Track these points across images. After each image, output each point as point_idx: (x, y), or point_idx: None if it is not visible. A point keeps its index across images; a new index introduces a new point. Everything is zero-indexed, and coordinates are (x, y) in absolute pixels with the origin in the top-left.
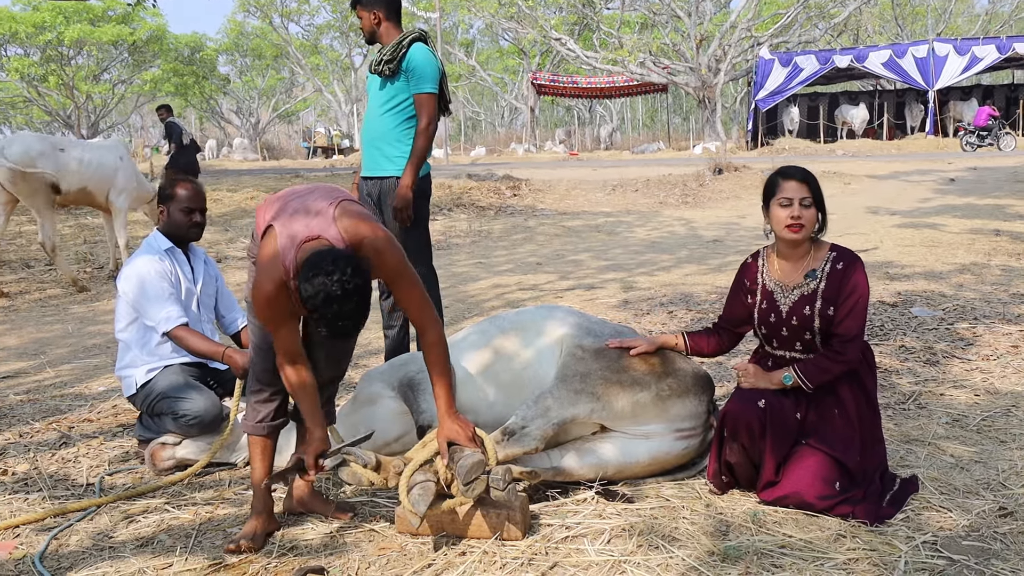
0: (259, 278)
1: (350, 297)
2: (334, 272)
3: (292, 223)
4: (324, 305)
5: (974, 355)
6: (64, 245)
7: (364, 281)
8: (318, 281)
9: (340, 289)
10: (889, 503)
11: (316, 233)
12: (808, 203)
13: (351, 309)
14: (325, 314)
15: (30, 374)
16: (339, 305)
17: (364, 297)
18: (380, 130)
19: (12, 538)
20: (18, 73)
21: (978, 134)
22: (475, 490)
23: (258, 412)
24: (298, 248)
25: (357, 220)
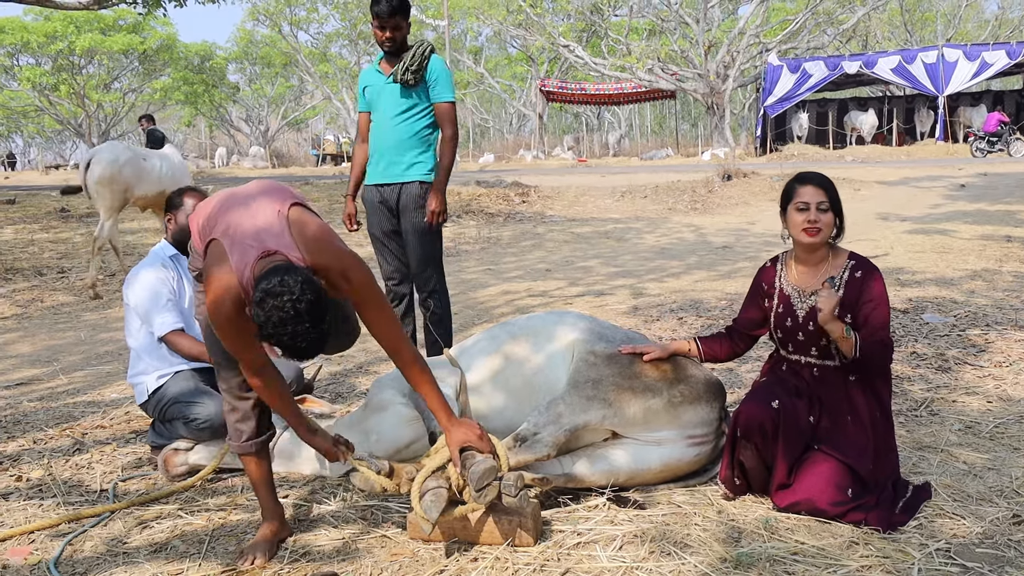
0: (213, 296)
1: (302, 318)
2: (283, 293)
3: (241, 236)
4: (278, 329)
5: (986, 361)
6: (75, 253)
7: (317, 298)
8: (268, 305)
9: (292, 310)
10: (902, 510)
11: (271, 247)
12: (825, 207)
13: (305, 330)
14: (281, 338)
15: (43, 381)
16: (293, 327)
17: (318, 316)
18: (397, 137)
19: (27, 544)
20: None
21: (988, 140)
22: (487, 496)
23: (241, 432)
24: (253, 265)
25: (319, 239)
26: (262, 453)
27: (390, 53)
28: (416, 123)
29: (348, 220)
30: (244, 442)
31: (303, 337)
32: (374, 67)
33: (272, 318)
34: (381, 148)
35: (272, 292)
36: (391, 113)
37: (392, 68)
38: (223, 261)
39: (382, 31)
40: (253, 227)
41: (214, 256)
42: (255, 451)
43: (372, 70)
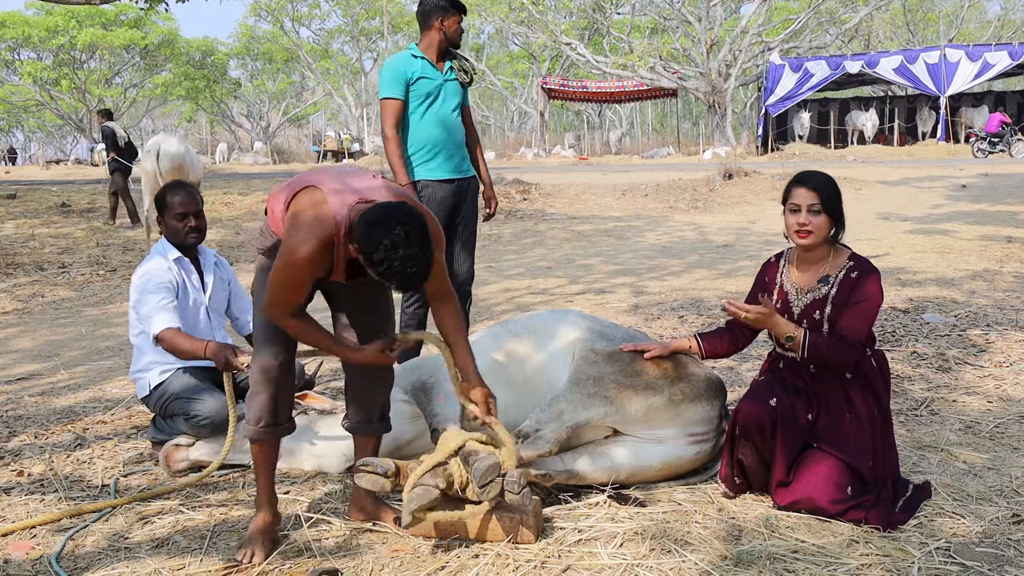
0: (299, 235)
1: (411, 242)
2: (391, 219)
3: (338, 187)
4: (389, 254)
5: (987, 362)
6: (77, 248)
7: (423, 224)
8: (377, 231)
9: (403, 233)
10: (902, 509)
11: (371, 198)
12: (817, 210)
13: (416, 254)
14: (392, 263)
15: (44, 376)
16: (404, 250)
17: (425, 241)
18: (460, 134)
19: (29, 539)
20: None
21: (989, 140)
22: (491, 492)
23: (257, 415)
24: (351, 208)
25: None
26: (274, 443)
27: (444, 49)
28: (462, 122)
29: None
30: (261, 427)
31: (413, 262)
32: (423, 59)
33: (384, 242)
34: (452, 142)
35: (379, 221)
36: (452, 108)
37: (442, 64)
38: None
39: (460, 24)
40: (351, 181)
41: (307, 203)
42: (269, 439)
43: (423, 61)
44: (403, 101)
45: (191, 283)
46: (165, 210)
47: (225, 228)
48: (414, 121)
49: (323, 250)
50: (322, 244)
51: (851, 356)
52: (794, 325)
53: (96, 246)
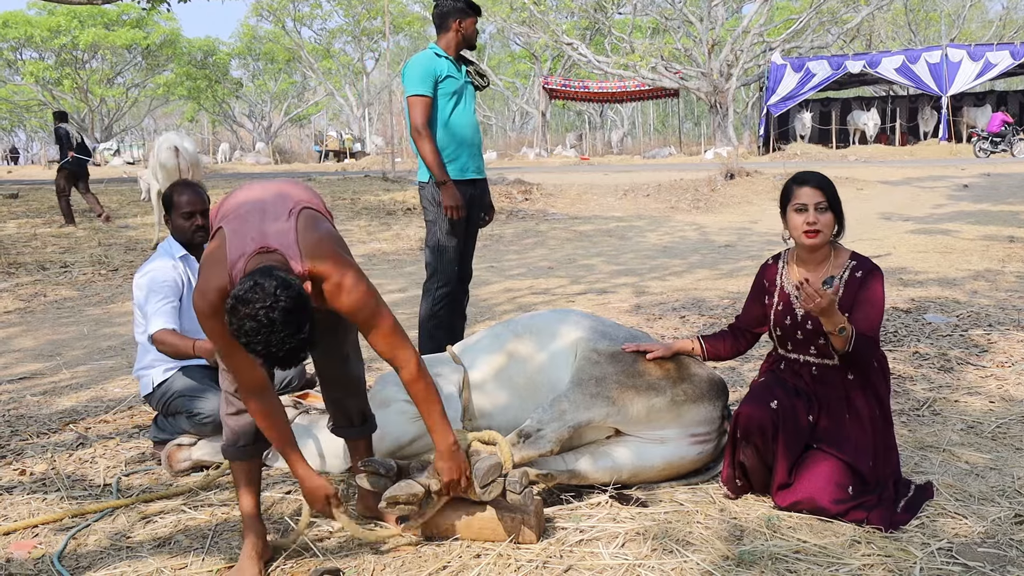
0: (201, 286)
1: (275, 326)
2: (255, 300)
3: (245, 228)
4: (251, 338)
5: (989, 362)
6: (79, 248)
7: (295, 304)
8: (240, 312)
9: (265, 318)
10: (904, 509)
11: (272, 245)
12: (823, 208)
13: (280, 339)
14: (255, 347)
15: (46, 375)
16: (267, 335)
17: (295, 323)
18: (479, 137)
19: (31, 538)
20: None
21: (991, 140)
22: (492, 492)
23: (236, 434)
24: (249, 259)
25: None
26: (255, 461)
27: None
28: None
29: (460, 209)
30: (240, 447)
31: (278, 346)
32: (448, 59)
33: (244, 326)
34: (475, 142)
35: (243, 299)
36: (472, 110)
37: (459, 66)
38: (220, 251)
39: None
40: (260, 220)
41: (214, 245)
42: (247, 458)
43: (448, 61)
44: (432, 98)
45: (196, 279)
46: (172, 209)
47: None
48: (442, 120)
49: (224, 299)
50: (221, 294)
51: (875, 354)
52: (845, 317)
53: (98, 246)
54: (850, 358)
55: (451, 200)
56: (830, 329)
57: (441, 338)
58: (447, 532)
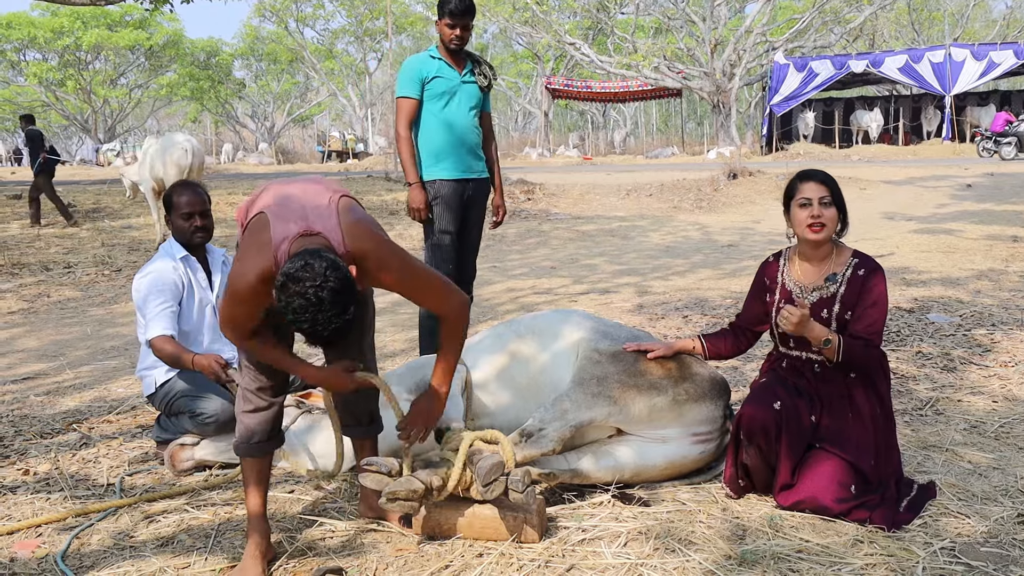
0: (242, 266)
1: (323, 305)
2: (305, 278)
3: (287, 214)
4: (298, 315)
5: (992, 361)
6: (82, 249)
7: (342, 285)
8: (290, 290)
9: (315, 296)
10: (906, 509)
11: (316, 228)
12: (828, 202)
13: (327, 317)
14: (301, 325)
15: (50, 375)
16: (314, 313)
17: (341, 303)
18: (474, 136)
19: (35, 537)
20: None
21: (995, 140)
22: (494, 491)
23: (251, 433)
24: (292, 241)
25: (361, 226)
26: (267, 459)
27: (452, 52)
28: (478, 124)
29: (420, 212)
30: (253, 443)
31: (324, 324)
32: (441, 59)
33: (293, 304)
34: (463, 143)
35: (294, 277)
36: (467, 110)
37: (461, 66)
38: (262, 233)
39: (452, 29)
40: (301, 205)
41: (254, 229)
42: (260, 455)
43: (440, 62)
44: (418, 100)
45: (197, 282)
46: (172, 209)
47: (230, 228)
48: (426, 120)
49: (265, 281)
50: (262, 276)
51: (876, 357)
52: (828, 330)
53: (101, 246)
54: (846, 364)
55: (411, 201)
56: (815, 344)
57: None
58: (449, 531)
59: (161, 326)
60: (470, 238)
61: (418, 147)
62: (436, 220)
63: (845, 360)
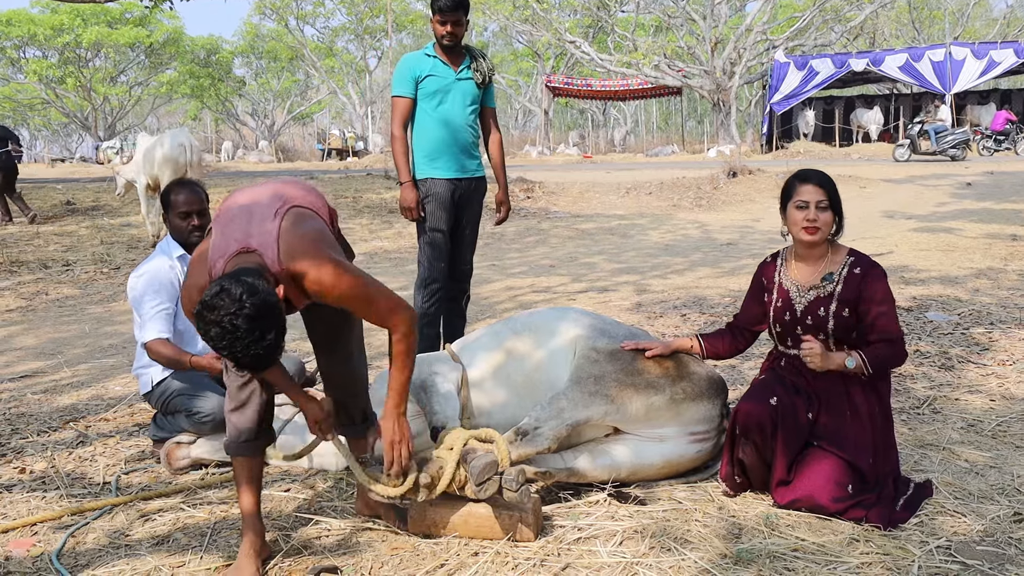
0: (187, 283)
1: (237, 332)
2: (220, 307)
3: (231, 228)
4: (217, 344)
5: (990, 360)
6: (81, 246)
7: (259, 312)
8: (207, 318)
9: (230, 324)
10: (903, 507)
11: (252, 245)
12: (824, 206)
13: (245, 345)
14: (221, 352)
15: (47, 373)
16: (231, 341)
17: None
18: (469, 134)
19: (30, 536)
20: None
21: (995, 138)
22: (488, 490)
23: (239, 430)
24: (229, 259)
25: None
26: (257, 457)
27: (447, 48)
28: (476, 122)
29: (411, 210)
30: (242, 442)
31: (242, 352)
32: (436, 57)
33: (210, 332)
34: (457, 141)
35: (209, 305)
36: (462, 107)
37: (457, 63)
38: (205, 252)
39: (443, 26)
40: (248, 217)
41: (202, 246)
42: (250, 453)
43: (434, 60)
44: (412, 99)
45: None
46: (169, 208)
47: None
48: (420, 119)
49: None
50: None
51: (902, 353)
52: (845, 354)
53: (100, 244)
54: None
55: (402, 201)
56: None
57: (433, 336)
58: (445, 530)
59: (157, 329)
60: (464, 236)
61: (413, 145)
62: (428, 219)
63: (877, 368)
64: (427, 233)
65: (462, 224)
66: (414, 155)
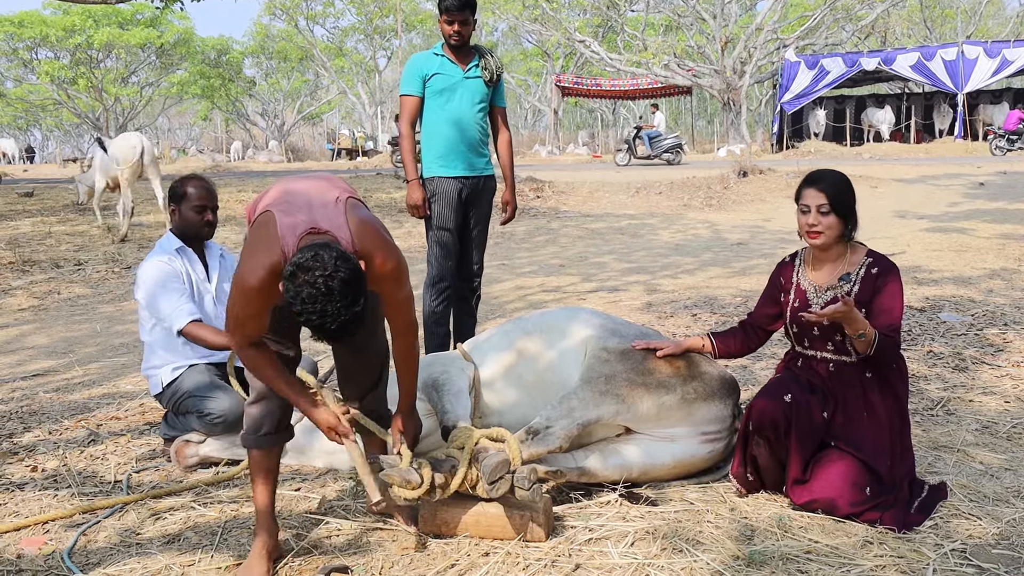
0: (250, 263)
1: (333, 295)
2: (315, 268)
3: (294, 210)
4: (307, 306)
5: (1004, 361)
6: (92, 246)
7: (353, 276)
8: (299, 279)
9: (324, 286)
10: (917, 510)
11: (323, 227)
12: (825, 210)
13: (336, 309)
14: (310, 316)
15: (59, 372)
16: (323, 304)
17: (352, 295)
18: (477, 133)
19: (42, 534)
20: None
21: (1008, 138)
22: (500, 489)
23: (259, 424)
24: (300, 238)
25: (368, 226)
26: (274, 452)
27: (456, 47)
28: (484, 120)
29: (418, 208)
30: (260, 435)
31: (333, 317)
32: (443, 56)
33: (302, 293)
34: (465, 140)
35: (304, 266)
36: (471, 105)
37: (465, 62)
38: (268, 229)
39: (450, 25)
40: (308, 201)
41: (260, 225)
42: (268, 446)
43: (442, 59)
44: (420, 98)
45: (195, 273)
46: (183, 200)
47: (239, 224)
48: (428, 117)
49: (274, 275)
50: (271, 270)
51: (897, 355)
52: (867, 323)
53: (111, 243)
54: (872, 359)
55: (409, 199)
56: (851, 333)
57: (443, 335)
58: (455, 529)
59: (186, 312)
60: (473, 235)
61: (421, 144)
62: (436, 217)
63: (877, 354)
64: (435, 232)
65: (470, 223)
66: (422, 154)
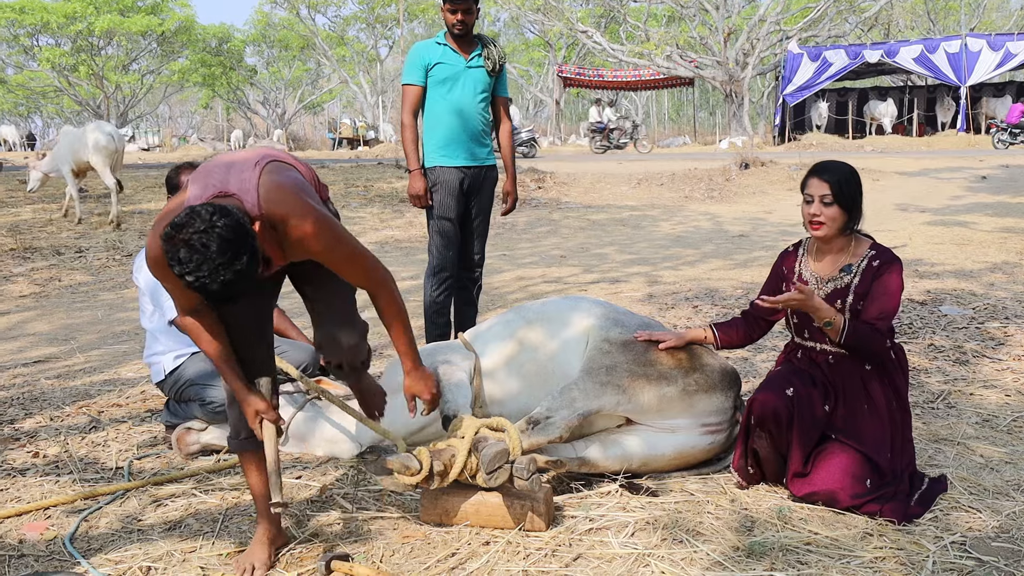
0: (151, 236)
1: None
2: (189, 224)
3: (207, 177)
4: (184, 267)
5: (1005, 355)
6: (93, 233)
7: (231, 231)
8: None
9: (199, 243)
10: (917, 502)
11: (231, 190)
12: (828, 201)
13: (214, 267)
14: (186, 276)
15: (60, 359)
16: (198, 262)
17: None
18: (480, 123)
19: (43, 519)
20: (49, 63)
21: (1011, 131)
22: (498, 479)
23: (236, 428)
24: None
25: (283, 189)
26: (260, 452)
27: (459, 36)
28: (487, 110)
29: (420, 198)
30: (242, 439)
31: (211, 276)
32: (446, 45)
33: (179, 253)
34: (467, 129)
35: (179, 224)
36: (473, 95)
37: (468, 52)
38: (179, 199)
39: (453, 14)
40: (227, 167)
41: (175, 199)
42: (254, 448)
43: (445, 48)
44: (422, 87)
45: None
46: (176, 191)
47: None
48: (430, 107)
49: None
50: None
51: (880, 346)
52: (834, 310)
53: (112, 231)
54: (850, 349)
55: (410, 189)
56: (817, 324)
57: (444, 324)
58: (456, 518)
59: None
60: (474, 225)
61: (423, 133)
62: (437, 207)
63: (849, 343)
64: (436, 221)
65: (472, 213)
66: (424, 143)
